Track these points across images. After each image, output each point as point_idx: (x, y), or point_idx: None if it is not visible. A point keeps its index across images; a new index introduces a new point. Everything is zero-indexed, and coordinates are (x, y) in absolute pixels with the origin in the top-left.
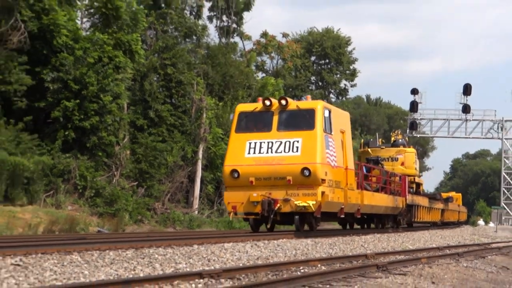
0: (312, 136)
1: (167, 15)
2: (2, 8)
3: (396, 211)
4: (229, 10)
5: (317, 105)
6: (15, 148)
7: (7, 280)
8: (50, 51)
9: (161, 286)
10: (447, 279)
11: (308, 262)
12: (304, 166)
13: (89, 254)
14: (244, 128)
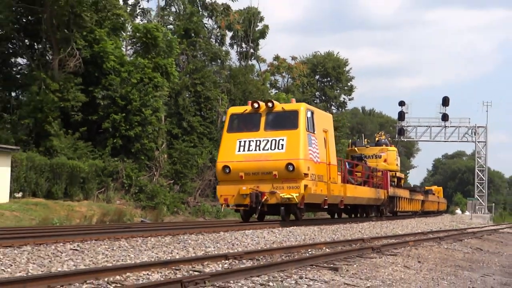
0: (295, 134)
1: (196, 43)
2: (61, 39)
3: (379, 202)
4: (247, 38)
5: (300, 107)
6: (73, 153)
7: (67, 263)
8: (101, 73)
9: (194, 266)
10: (430, 258)
11: (315, 245)
12: (288, 162)
13: (134, 240)
14: (235, 128)
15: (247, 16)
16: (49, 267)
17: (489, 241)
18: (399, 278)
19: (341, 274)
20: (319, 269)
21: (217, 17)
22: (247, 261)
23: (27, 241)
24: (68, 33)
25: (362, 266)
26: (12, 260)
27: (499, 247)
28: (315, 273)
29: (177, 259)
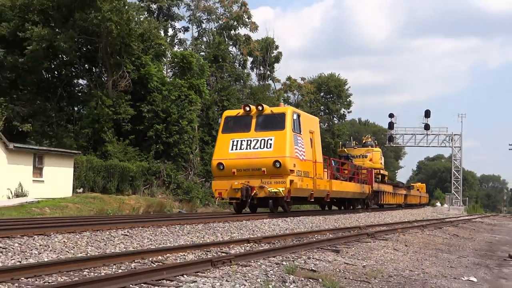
0: (282, 135)
1: (223, 67)
2: (114, 64)
3: (364, 195)
4: (264, 63)
5: (287, 110)
6: (124, 156)
7: (118, 245)
8: (146, 91)
9: (221, 248)
10: (415, 243)
11: (320, 232)
12: (276, 159)
13: (173, 227)
14: (229, 129)
15: (264, 45)
16: (104, 249)
17: (464, 228)
18: (389, 259)
19: (342, 255)
20: (323, 251)
21: (240, 46)
22: (265, 244)
23: (86, 228)
24: (119, 59)
25: (359, 249)
26: (75, 243)
27: (472, 233)
28: (321, 254)
29: (208, 243)
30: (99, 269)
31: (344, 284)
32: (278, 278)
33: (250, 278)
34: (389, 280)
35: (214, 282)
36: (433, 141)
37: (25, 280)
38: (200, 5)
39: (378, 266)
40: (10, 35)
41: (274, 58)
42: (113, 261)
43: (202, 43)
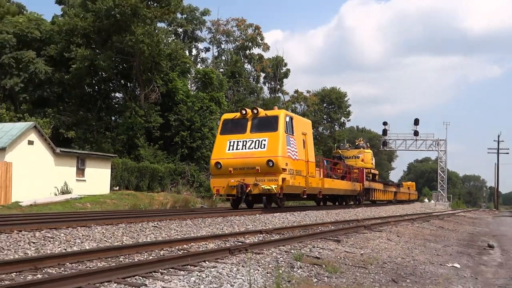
0: (275, 136)
1: (239, 81)
2: (146, 80)
3: (355, 192)
4: (275, 78)
5: (280, 113)
6: (154, 159)
7: (149, 235)
8: (173, 103)
9: (237, 238)
10: (406, 233)
11: (323, 224)
12: (269, 159)
13: (196, 220)
14: (226, 131)
15: (275, 62)
16: (137, 238)
17: (448, 221)
18: (383, 248)
19: (342, 245)
20: (326, 241)
21: (254, 63)
22: (275, 235)
23: (122, 220)
24: (150, 75)
25: (357, 239)
26: (112, 233)
27: (455, 226)
28: (324, 243)
29: (226, 233)
30: (133, 256)
31: (344, 269)
32: (287, 264)
33: (263, 264)
34: (383, 266)
35: (231, 267)
36: (421, 145)
37: (70, 265)
38: (219, 29)
39: (374, 254)
40: (57, 55)
41: (283, 74)
42: (145, 249)
43: (221, 61)
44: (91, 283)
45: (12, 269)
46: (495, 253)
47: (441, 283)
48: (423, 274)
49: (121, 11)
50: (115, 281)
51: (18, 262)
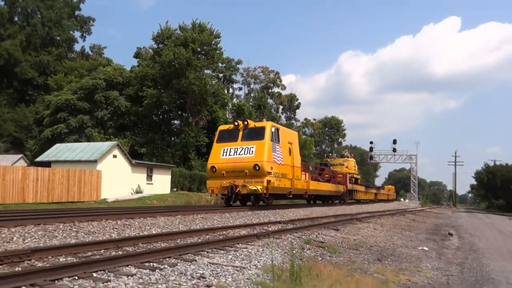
0: (262, 144)
1: (264, 112)
2: (196, 111)
3: (339, 193)
4: (290, 109)
5: (267, 124)
6: (202, 168)
7: (198, 224)
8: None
9: (262, 227)
10: (387, 224)
11: (326, 217)
12: (255, 163)
13: (232, 213)
14: (222, 140)
15: (290, 98)
16: (190, 226)
17: (419, 216)
18: (371, 235)
19: (340, 232)
20: (328, 229)
21: (274, 99)
22: (290, 224)
23: (178, 213)
24: (199, 108)
25: (351, 228)
26: (171, 222)
27: (424, 219)
28: (326, 231)
29: (254, 223)
30: (187, 239)
31: (342, 251)
32: (299, 246)
33: (281, 246)
34: (371, 248)
35: (258, 248)
36: (398, 159)
37: (142, 245)
38: (249, 74)
39: (363, 239)
40: (134, 94)
41: (296, 106)
42: (195, 234)
43: (250, 97)
44: (157, 258)
45: (101, 247)
46: (453, 239)
47: (414, 261)
48: (400, 255)
49: (179, 62)
50: (174, 257)
51: (105, 242)
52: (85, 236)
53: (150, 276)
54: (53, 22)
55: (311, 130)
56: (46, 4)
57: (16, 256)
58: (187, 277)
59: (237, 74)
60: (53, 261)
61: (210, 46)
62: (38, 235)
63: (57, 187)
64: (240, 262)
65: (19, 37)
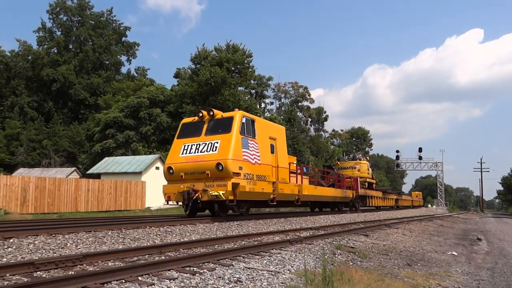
0: (228, 137)
1: (294, 124)
2: None
3: (347, 199)
4: (318, 121)
5: (236, 114)
6: None
7: (234, 230)
8: None
9: (295, 233)
10: (416, 230)
11: (355, 223)
12: (218, 162)
13: (266, 220)
14: (183, 135)
15: (318, 111)
16: (226, 232)
17: (447, 221)
18: (400, 240)
19: (370, 238)
20: (358, 235)
21: (303, 112)
22: (321, 230)
23: (216, 220)
24: None
25: (380, 234)
26: (209, 229)
27: (452, 224)
28: (356, 237)
29: (286, 229)
30: (224, 245)
31: (372, 256)
32: (331, 252)
33: (313, 251)
34: (400, 253)
35: (291, 253)
36: (424, 166)
37: (183, 251)
38: (280, 89)
39: (393, 244)
40: (174, 111)
41: (324, 118)
42: (231, 240)
43: (281, 111)
44: (196, 263)
45: (145, 252)
46: (482, 244)
47: (444, 266)
48: (430, 260)
49: (215, 80)
50: (212, 262)
51: (149, 248)
52: (131, 242)
53: (190, 280)
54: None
55: (339, 140)
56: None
57: (69, 260)
58: (225, 281)
59: (268, 90)
60: (102, 265)
61: (243, 65)
62: (89, 241)
63: (106, 197)
64: (275, 267)
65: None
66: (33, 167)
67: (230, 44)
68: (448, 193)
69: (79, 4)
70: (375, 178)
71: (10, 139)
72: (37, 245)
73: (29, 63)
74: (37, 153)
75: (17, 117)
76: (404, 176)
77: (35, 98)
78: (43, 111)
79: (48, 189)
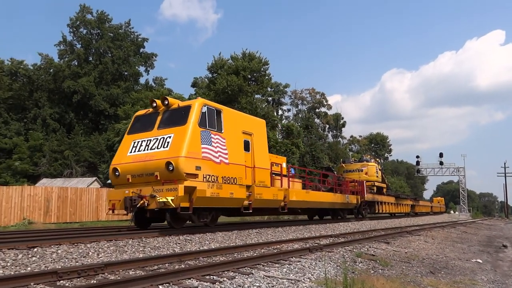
0: (182, 131)
1: (311, 131)
2: None
3: (350, 205)
4: (336, 127)
5: (195, 102)
6: None
7: (253, 238)
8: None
9: (315, 240)
10: (438, 237)
11: (376, 230)
12: (168, 161)
13: (285, 227)
14: (135, 130)
15: (335, 117)
16: (246, 240)
17: (470, 227)
18: (422, 248)
19: (391, 245)
20: (379, 242)
21: (321, 118)
22: (341, 238)
23: (234, 228)
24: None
25: (402, 241)
26: (228, 237)
27: (476, 231)
28: (377, 244)
29: (306, 237)
30: (243, 253)
31: (393, 264)
32: (351, 260)
33: (334, 259)
34: (423, 261)
35: (311, 261)
36: (445, 172)
37: (202, 259)
38: (297, 96)
39: (415, 252)
40: None
41: (341, 125)
42: (251, 248)
43: (298, 117)
44: (216, 271)
45: (165, 261)
46: (508, 251)
47: (468, 274)
48: (454, 267)
49: (232, 89)
50: (232, 270)
51: (169, 256)
52: (151, 251)
53: None
54: (121, 59)
55: (357, 147)
56: (115, 45)
57: (91, 269)
58: None
59: (285, 97)
60: (123, 274)
61: (259, 73)
62: (110, 250)
63: None
64: (295, 275)
65: (93, 74)
66: (55, 177)
67: (246, 52)
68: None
69: (98, 18)
70: (387, 182)
71: (34, 150)
72: (60, 254)
73: (51, 76)
74: (59, 163)
75: (40, 129)
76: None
77: (57, 110)
78: (65, 122)
79: (70, 199)
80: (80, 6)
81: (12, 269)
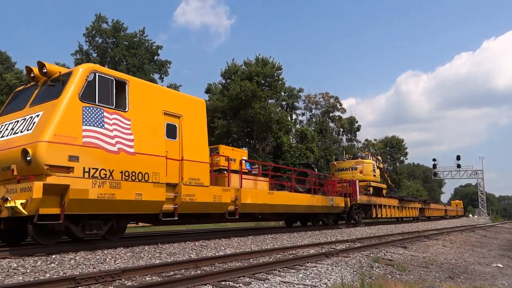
0: (54, 106)
1: (326, 135)
2: (262, 138)
3: (336, 210)
4: (351, 131)
5: (79, 68)
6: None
7: (269, 244)
8: (281, 152)
9: (331, 245)
10: (457, 241)
11: (392, 235)
12: (24, 148)
13: (300, 233)
14: (8, 110)
15: (350, 121)
16: (261, 246)
17: (490, 231)
18: (440, 252)
19: (408, 250)
20: (396, 247)
21: (335, 122)
22: (358, 243)
23: (250, 234)
24: (265, 135)
25: (420, 246)
26: (244, 242)
27: (496, 234)
28: (394, 249)
29: (322, 242)
30: (259, 258)
31: (411, 269)
32: (368, 265)
33: (350, 265)
34: (441, 266)
35: (327, 267)
36: (463, 175)
37: (218, 265)
38: (311, 100)
39: (433, 257)
40: None
41: (356, 128)
42: (266, 254)
43: (312, 122)
44: (232, 277)
45: (181, 267)
46: None
47: (488, 279)
48: (473, 272)
49: (245, 94)
50: (247, 276)
51: (185, 262)
52: (167, 257)
53: None
54: (136, 67)
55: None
56: (130, 53)
57: (109, 275)
58: None
59: (299, 101)
60: (140, 280)
61: (272, 78)
62: (127, 256)
63: None
64: (311, 281)
65: None
66: None
67: (259, 57)
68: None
69: (114, 26)
70: (390, 183)
71: None
72: (77, 260)
73: None
74: None
75: None
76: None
77: None
78: None
79: None
80: (96, 16)
81: (32, 276)
